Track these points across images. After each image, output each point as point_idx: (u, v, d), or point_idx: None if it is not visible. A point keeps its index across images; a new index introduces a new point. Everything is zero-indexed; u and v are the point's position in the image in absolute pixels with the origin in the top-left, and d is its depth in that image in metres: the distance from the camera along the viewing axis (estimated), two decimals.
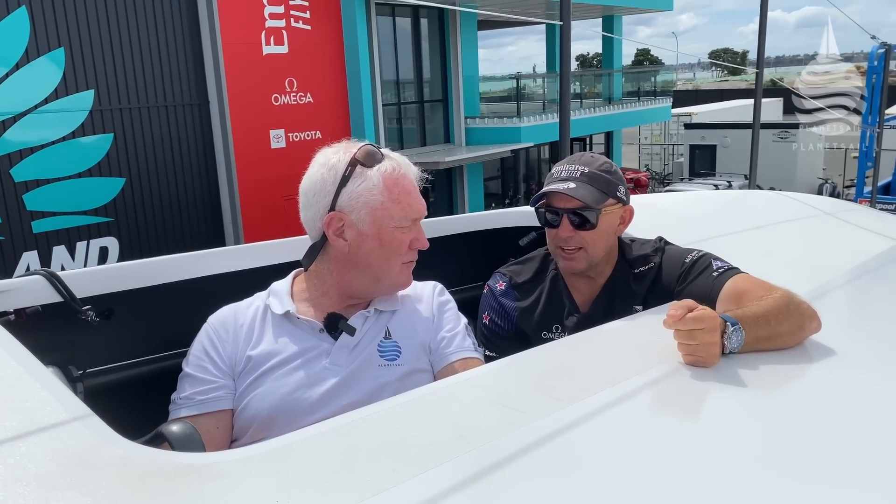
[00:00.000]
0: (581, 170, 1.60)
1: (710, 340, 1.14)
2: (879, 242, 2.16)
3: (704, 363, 1.14)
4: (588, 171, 1.60)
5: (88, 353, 1.44)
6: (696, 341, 1.14)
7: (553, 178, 1.63)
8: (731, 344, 1.17)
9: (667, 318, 1.17)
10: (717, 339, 1.15)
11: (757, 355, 1.19)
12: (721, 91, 47.56)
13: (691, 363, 1.15)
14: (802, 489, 0.82)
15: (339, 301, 1.38)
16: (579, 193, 1.56)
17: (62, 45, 9.02)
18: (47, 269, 1.39)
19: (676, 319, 1.15)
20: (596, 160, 1.64)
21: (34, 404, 0.86)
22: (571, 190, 1.56)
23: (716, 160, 21.61)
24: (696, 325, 1.14)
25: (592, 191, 1.58)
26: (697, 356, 1.14)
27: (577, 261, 1.60)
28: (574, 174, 1.60)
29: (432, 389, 1.09)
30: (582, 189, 1.56)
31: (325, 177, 1.34)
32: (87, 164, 9.41)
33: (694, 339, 1.14)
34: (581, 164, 1.61)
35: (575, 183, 1.57)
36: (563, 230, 1.58)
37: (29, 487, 0.72)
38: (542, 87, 18.17)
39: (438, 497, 0.77)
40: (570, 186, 1.56)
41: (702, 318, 1.14)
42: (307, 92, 11.57)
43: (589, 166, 1.61)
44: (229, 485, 0.77)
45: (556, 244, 1.62)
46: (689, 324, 1.14)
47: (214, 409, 1.27)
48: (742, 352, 1.19)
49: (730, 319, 1.18)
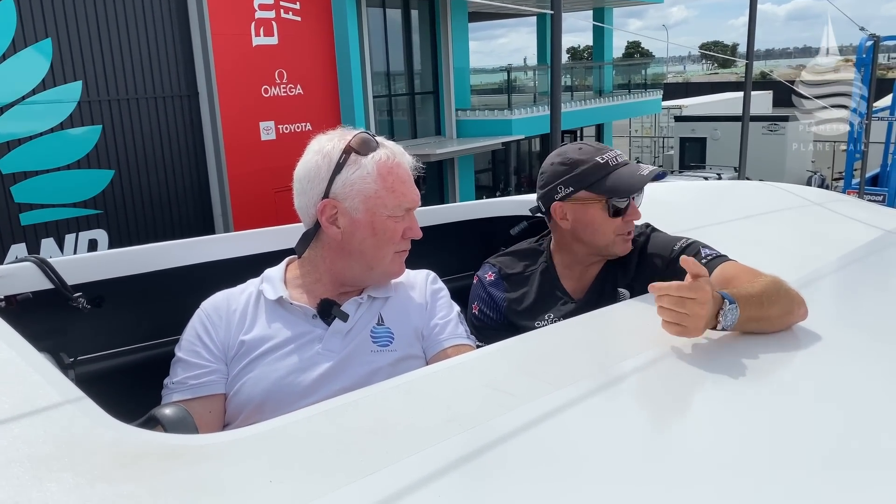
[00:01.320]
0: (619, 153, 1.64)
1: (700, 313, 1.14)
2: (867, 232, 2.18)
3: (687, 334, 1.15)
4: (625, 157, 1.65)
5: (80, 340, 1.44)
6: (685, 310, 1.14)
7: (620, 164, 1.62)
8: (726, 321, 1.17)
9: (658, 286, 1.17)
10: (707, 312, 1.14)
11: (745, 339, 1.20)
12: (711, 84, 47.64)
13: (675, 332, 1.15)
14: (789, 472, 0.83)
15: (332, 288, 1.39)
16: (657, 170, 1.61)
17: (49, 35, 8.93)
18: (38, 256, 1.39)
19: (670, 288, 1.15)
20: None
21: (27, 388, 0.86)
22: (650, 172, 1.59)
23: (706, 153, 21.67)
24: (689, 294, 1.14)
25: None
26: (683, 326, 1.14)
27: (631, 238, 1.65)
28: (622, 159, 1.63)
29: (424, 374, 1.10)
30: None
31: (320, 164, 1.34)
32: (76, 156, 9.35)
33: (683, 308, 1.14)
34: (616, 150, 1.66)
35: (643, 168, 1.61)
36: (634, 214, 1.62)
37: (23, 468, 0.72)
38: (533, 80, 18.16)
39: (431, 477, 0.78)
40: (649, 170, 1.60)
41: (695, 289, 1.14)
42: (297, 84, 11.52)
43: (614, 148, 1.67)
44: (222, 465, 0.78)
45: (618, 232, 1.62)
46: (682, 291, 1.14)
47: (207, 393, 1.28)
48: (732, 331, 1.20)
49: (727, 296, 1.18)
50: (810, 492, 0.79)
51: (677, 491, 0.79)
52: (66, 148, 9.24)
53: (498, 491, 0.78)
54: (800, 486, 0.80)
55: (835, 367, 1.16)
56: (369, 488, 0.75)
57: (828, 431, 0.93)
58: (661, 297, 1.16)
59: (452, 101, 14.96)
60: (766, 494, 0.78)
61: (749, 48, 11.16)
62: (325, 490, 0.74)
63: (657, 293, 1.17)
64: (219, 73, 10.43)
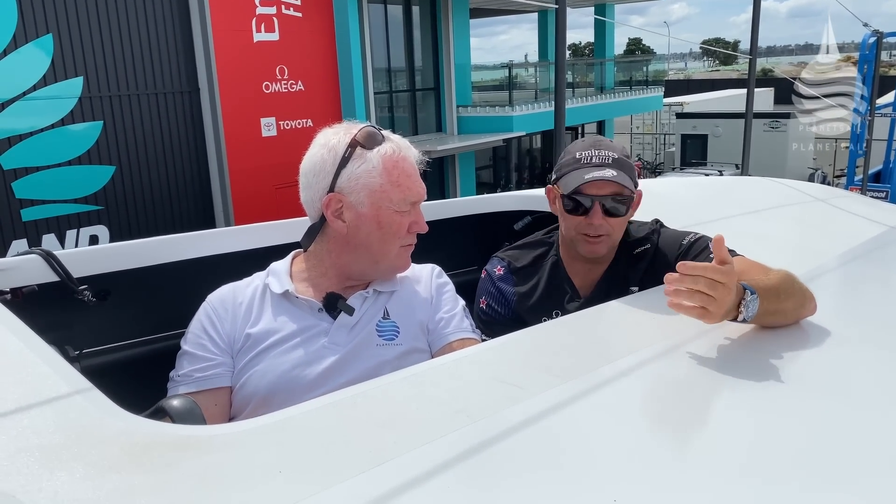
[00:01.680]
0: (612, 155, 1.55)
1: (726, 298, 1.12)
2: (870, 228, 2.18)
3: (708, 318, 1.12)
4: (617, 156, 1.56)
5: (85, 333, 1.44)
6: (716, 294, 1.11)
7: (584, 164, 1.56)
8: (748, 312, 1.15)
9: (689, 265, 1.13)
10: (732, 299, 1.13)
11: (754, 332, 1.20)
12: (712, 81, 47.60)
13: (696, 315, 1.12)
14: (804, 463, 0.83)
15: (337, 282, 1.39)
16: (622, 180, 1.52)
17: (50, 31, 8.91)
18: (44, 249, 1.39)
19: (706, 270, 1.12)
20: (615, 145, 1.61)
21: (35, 378, 0.86)
22: (615, 177, 1.51)
23: (707, 149, 21.67)
24: (720, 278, 1.11)
25: (628, 178, 1.55)
26: (706, 309, 1.12)
27: (601, 245, 1.58)
28: (607, 160, 1.54)
29: (431, 366, 1.10)
30: (621, 176, 1.53)
31: (325, 157, 1.34)
32: (77, 152, 9.33)
33: (713, 291, 1.11)
34: (608, 150, 1.56)
35: (613, 170, 1.53)
36: (595, 217, 1.54)
37: (33, 458, 0.72)
38: (534, 77, 18.13)
39: (439, 469, 0.78)
40: (614, 174, 1.52)
41: (726, 273, 1.12)
42: (298, 80, 11.50)
43: (616, 152, 1.57)
44: (232, 456, 0.78)
45: (580, 230, 1.58)
46: (715, 274, 1.11)
47: (213, 386, 1.28)
48: (748, 323, 1.19)
49: (748, 287, 1.17)
50: (821, 483, 0.79)
51: (685, 483, 0.79)
52: (67, 144, 9.23)
53: (506, 482, 0.78)
54: (811, 479, 0.80)
55: (844, 361, 1.16)
56: (379, 479, 0.75)
57: (840, 424, 0.93)
58: (695, 278, 1.12)
59: (453, 97, 14.94)
60: (779, 487, 0.77)
61: (753, 44, 11.15)
62: (334, 480, 0.73)
63: (689, 272, 1.13)
64: (220, 68, 10.42)
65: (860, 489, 0.78)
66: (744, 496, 0.76)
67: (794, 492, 0.76)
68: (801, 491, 0.77)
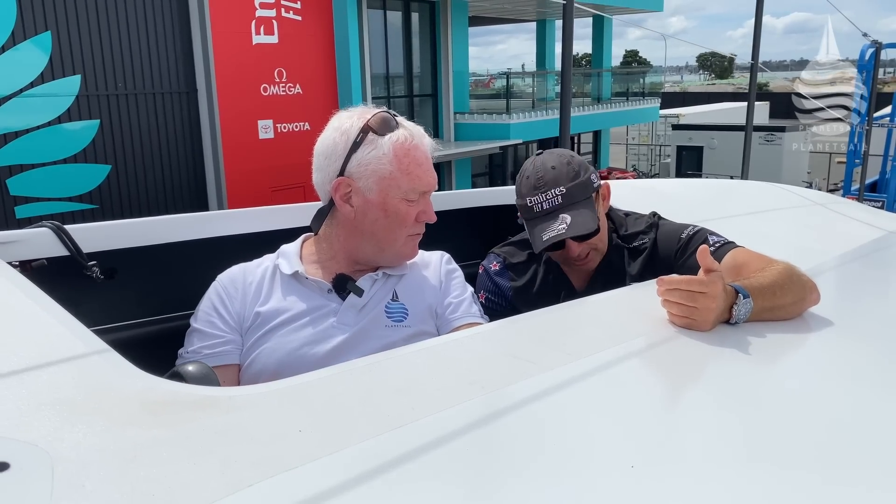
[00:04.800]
0: (559, 193, 1.51)
1: (710, 306, 1.12)
2: (870, 232, 2.19)
3: (696, 327, 1.13)
4: (564, 189, 1.51)
5: (93, 310, 1.43)
6: (695, 304, 1.12)
7: (536, 214, 1.53)
8: (739, 314, 1.15)
9: (666, 280, 1.15)
10: (717, 306, 1.13)
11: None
12: (708, 94, 47.87)
13: (683, 325, 1.13)
14: (808, 441, 0.84)
15: (346, 265, 1.39)
16: (577, 226, 1.49)
17: (49, 28, 8.89)
18: (55, 222, 1.39)
19: (679, 283, 1.13)
20: (558, 170, 1.54)
21: (54, 339, 0.86)
22: (570, 227, 1.49)
23: (702, 161, 21.76)
24: (699, 288, 1.12)
25: (583, 210, 1.51)
26: (692, 319, 1.12)
27: (592, 261, 1.60)
28: (555, 202, 1.51)
29: (444, 341, 1.10)
30: (577, 217, 1.50)
31: (337, 141, 1.34)
32: (73, 150, 9.30)
33: (693, 302, 1.12)
34: (553, 186, 1.52)
35: (566, 213, 1.51)
36: (573, 250, 1.55)
37: (54, 411, 0.72)
38: (531, 86, 18.20)
39: (454, 434, 0.78)
40: (567, 222, 1.49)
41: (706, 283, 1.12)
42: (296, 83, 11.50)
43: (560, 183, 1.52)
44: (252, 414, 0.78)
45: (565, 260, 1.60)
46: (692, 285, 1.12)
47: (222, 363, 1.28)
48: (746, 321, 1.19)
49: (741, 290, 1.16)
50: (822, 472, 0.79)
51: (693, 458, 0.80)
52: (64, 142, 9.20)
53: (518, 450, 0.78)
54: (816, 468, 0.80)
55: (847, 353, 1.16)
56: (396, 441, 0.75)
57: (842, 411, 0.94)
58: (671, 291, 1.14)
59: (451, 104, 14.97)
60: (784, 465, 0.78)
61: (754, 55, 11.23)
62: (353, 441, 0.74)
63: (665, 287, 1.14)
64: (218, 70, 10.41)
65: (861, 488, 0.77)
66: (752, 470, 0.77)
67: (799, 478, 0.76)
68: (808, 474, 0.77)
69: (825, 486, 0.73)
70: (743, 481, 0.73)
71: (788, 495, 0.71)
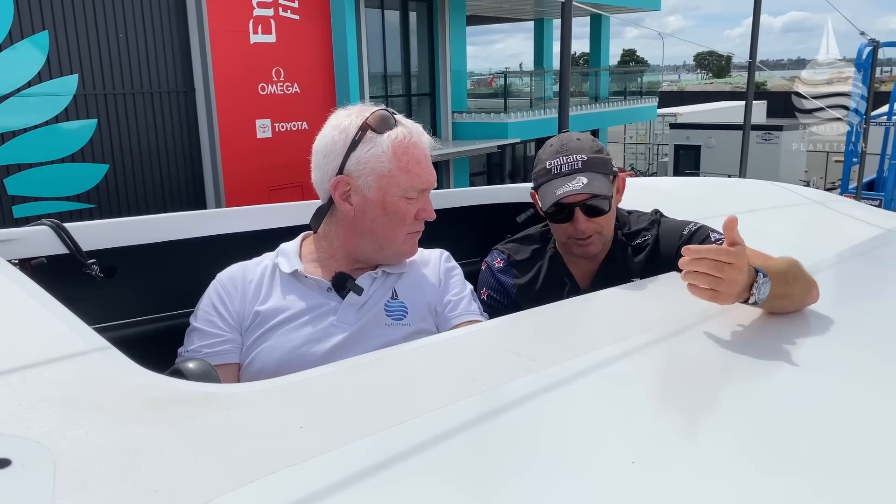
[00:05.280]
0: (580, 158, 1.56)
1: (737, 278, 1.10)
2: (868, 230, 2.20)
3: (720, 299, 1.11)
4: (586, 157, 1.56)
5: (92, 309, 1.43)
6: (723, 275, 1.10)
7: (554, 175, 1.57)
8: (760, 293, 1.14)
9: (694, 248, 1.12)
10: (743, 279, 1.12)
11: (761, 316, 1.20)
12: (706, 93, 47.89)
13: (706, 297, 1.11)
14: (811, 439, 0.84)
15: (346, 264, 1.39)
16: (594, 187, 1.52)
17: (46, 28, 8.88)
18: (55, 220, 1.39)
19: (709, 252, 1.11)
20: (583, 142, 1.60)
21: (54, 336, 0.86)
22: (586, 186, 1.52)
23: (700, 160, 21.78)
24: (728, 259, 1.10)
25: (600, 177, 1.55)
26: (717, 291, 1.11)
27: (594, 245, 1.59)
28: (576, 165, 1.55)
29: (445, 338, 1.11)
30: (593, 181, 1.53)
31: (336, 139, 1.34)
32: (71, 150, 9.29)
33: (722, 273, 1.10)
34: (575, 152, 1.57)
35: (583, 175, 1.54)
36: (580, 223, 1.55)
37: (55, 407, 0.72)
38: (529, 85, 18.20)
39: (456, 430, 0.79)
40: (584, 182, 1.53)
41: (735, 254, 1.11)
42: (294, 82, 11.50)
43: (584, 152, 1.57)
44: (253, 411, 0.78)
45: (568, 235, 1.59)
46: (721, 255, 1.10)
47: (221, 361, 1.28)
48: (758, 307, 1.18)
49: (760, 270, 1.15)
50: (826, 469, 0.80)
51: (695, 452, 0.80)
52: (61, 141, 9.19)
53: (519, 446, 0.78)
54: (818, 468, 0.80)
55: (846, 351, 1.17)
56: (397, 437, 0.75)
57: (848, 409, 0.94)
58: (699, 260, 1.11)
59: (449, 103, 14.96)
60: (784, 461, 0.78)
61: (752, 54, 11.25)
62: (354, 437, 0.74)
63: (693, 256, 1.12)
64: (216, 69, 10.40)
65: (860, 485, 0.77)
66: (749, 466, 0.77)
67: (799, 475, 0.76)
68: (807, 472, 0.77)
69: (824, 483, 0.74)
70: (742, 479, 0.74)
71: (788, 492, 0.71)
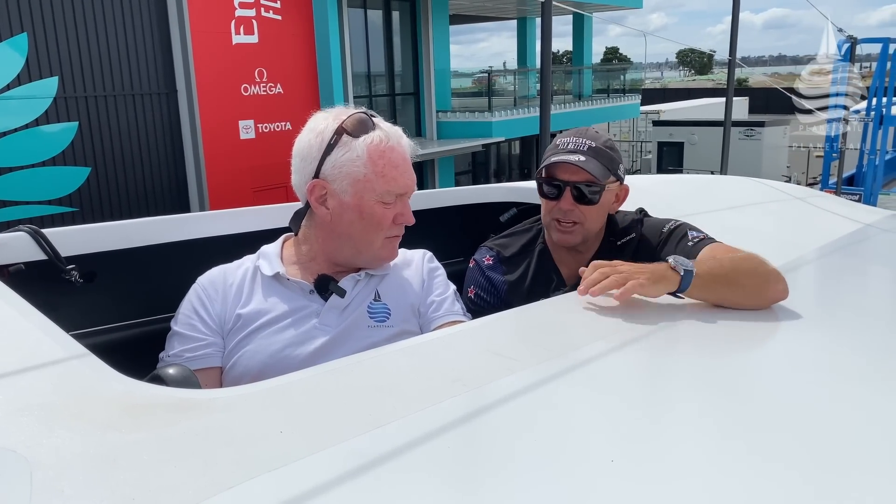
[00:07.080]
0: (588, 143, 1.60)
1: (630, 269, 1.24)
2: (847, 225, 2.22)
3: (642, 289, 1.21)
4: (595, 145, 1.60)
5: (72, 314, 1.42)
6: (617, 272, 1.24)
7: (559, 149, 1.62)
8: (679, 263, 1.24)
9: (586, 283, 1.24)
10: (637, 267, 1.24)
11: (727, 314, 1.21)
12: (688, 90, 48.14)
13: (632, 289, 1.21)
14: (789, 428, 0.85)
15: (327, 266, 1.38)
16: (589, 167, 1.56)
17: (25, 30, 8.77)
18: (32, 226, 1.37)
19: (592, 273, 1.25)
20: (600, 136, 1.65)
21: (32, 344, 0.85)
22: (581, 162, 1.56)
23: (683, 157, 21.91)
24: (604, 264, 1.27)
25: (599, 166, 1.58)
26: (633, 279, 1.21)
27: (572, 235, 1.61)
28: (581, 147, 1.60)
29: (427, 339, 1.11)
30: (591, 163, 1.57)
31: (312, 143, 1.33)
32: (52, 153, 9.19)
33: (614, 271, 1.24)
34: (587, 138, 1.62)
35: (584, 156, 1.58)
36: (565, 202, 1.58)
37: (33, 416, 0.71)
38: (513, 84, 18.23)
39: (438, 432, 0.79)
40: (580, 159, 1.56)
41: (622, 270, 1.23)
42: (277, 83, 11.44)
43: (595, 141, 1.62)
44: (233, 416, 0.78)
45: (552, 216, 1.61)
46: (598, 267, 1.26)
47: (203, 366, 1.27)
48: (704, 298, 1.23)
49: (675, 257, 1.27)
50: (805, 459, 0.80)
51: (674, 450, 0.80)
52: (42, 144, 9.08)
53: (500, 446, 0.79)
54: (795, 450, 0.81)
55: (816, 344, 1.18)
56: (379, 440, 0.75)
57: (809, 402, 0.95)
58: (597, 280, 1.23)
59: (433, 102, 14.96)
60: (764, 457, 0.79)
61: (732, 51, 11.33)
62: (336, 440, 0.74)
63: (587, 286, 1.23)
64: (198, 70, 10.32)
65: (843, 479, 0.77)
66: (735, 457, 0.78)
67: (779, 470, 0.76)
68: (787, 467, 0.77)
69: (804, 477, 0.74)
70: (721, 476, 0.74)
71: (769, 486, 0.72)
